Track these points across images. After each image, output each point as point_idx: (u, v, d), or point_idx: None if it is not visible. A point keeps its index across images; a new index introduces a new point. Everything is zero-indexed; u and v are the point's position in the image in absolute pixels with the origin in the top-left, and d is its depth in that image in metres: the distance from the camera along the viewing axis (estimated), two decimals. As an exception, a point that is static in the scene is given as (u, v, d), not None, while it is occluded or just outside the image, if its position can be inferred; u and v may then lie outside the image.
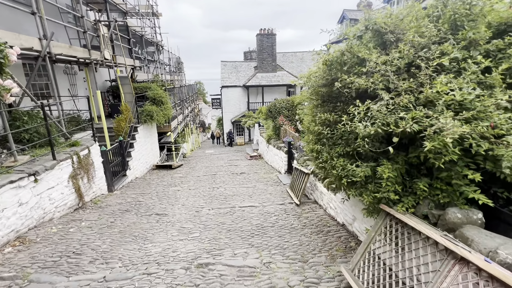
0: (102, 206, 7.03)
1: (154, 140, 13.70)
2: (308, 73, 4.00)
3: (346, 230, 4.85)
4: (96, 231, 5.28)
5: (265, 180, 10.19)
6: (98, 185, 7.82)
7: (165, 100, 13.26)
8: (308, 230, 4.92)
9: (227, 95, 28.15)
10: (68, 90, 10.82)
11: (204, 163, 15.56)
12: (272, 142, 13.21)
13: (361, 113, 3.00)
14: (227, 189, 8.67)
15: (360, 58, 3.24)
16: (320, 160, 3.84)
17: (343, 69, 3.33)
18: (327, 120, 3.72)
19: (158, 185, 9.69)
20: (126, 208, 6.88)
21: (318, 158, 4.06)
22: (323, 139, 3.84)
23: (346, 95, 3.31)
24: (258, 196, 7.72)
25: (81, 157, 6.88)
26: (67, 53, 7.86)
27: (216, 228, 5.26)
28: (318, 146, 3.94)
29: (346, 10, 23.20)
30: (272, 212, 6.03)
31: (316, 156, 4.09)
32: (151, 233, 5.18)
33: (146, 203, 7.29)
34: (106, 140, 9.74)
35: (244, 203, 6.92)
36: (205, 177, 10.97)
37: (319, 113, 3.83)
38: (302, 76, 4.38)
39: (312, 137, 4.11)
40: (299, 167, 7.60)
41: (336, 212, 5.37)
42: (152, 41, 17.95)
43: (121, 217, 6.16)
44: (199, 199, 7.63)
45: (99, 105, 9.68)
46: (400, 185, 2.98)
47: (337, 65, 3.39)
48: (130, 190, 8.90)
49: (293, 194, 7.25)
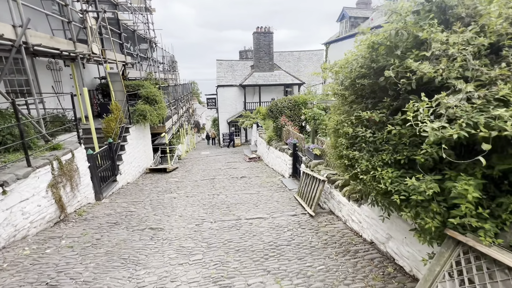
0: (88, 218, 6.15)
1: (147, 141, 12.80)
2: (342, 61, 3.24)
3: (377, 250, 4.11)
4: (78, 252, 4.42)
5: (269, 185, 9.41)
6: (83, 193, 6.93)
7: (159, 99, 12.37)
8: (331, 250, 4.16)
9: (223, 94, 27.32)
10: (52, 87, 9.86)
11: (201, 165, 14.70)
12: (273, 143, 12.45)
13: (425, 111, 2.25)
14: (228, 196, 7.87)
15: (418, 39, 2.50)
16: (356, 170, 3.08)
17: (395, 54, 2.58)
18: (366, 120, 2.97)
19: (152, 192, 8.82)
20: (115, 220, 6.02)
21: (351, 167, 3.30)
22: (361, 144, 3.08)
23: (399, 88, 2.56)
24: (265, 204, 6.94)
25: (62, 163, 5.99)
26: (48, 45, 6.95)
27: (222, 247, 4.46)
28: (353, 152, 3.18)
29: (346, 8, 22.59)
30: (284, 225, 5.26)
31: (348, 164, 3.33)
32: (144, 254, 4.35)
33: (139, 214, 6.43)
34: (94, 142, 8.82)
35: (251, 214, 6.13)
36: (203, 182, 10.13)
37: (356, 111, 3.07)
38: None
39: (343, 141, 3.34)
40: (310, 172, 6.84)
41: (361, 226, 4.62)
42: (145, 38, 17.01)
43: (109, 233, 5.31)
44: (199, 208, 6.81)
45: (86, 104, 8.76)
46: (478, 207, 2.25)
47: (386, 49, 2.63)
48: (121, 198, 8.02)
49: (305, 203, 6.49)
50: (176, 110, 19.61)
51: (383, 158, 2.81)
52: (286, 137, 11.35)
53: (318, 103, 8.03)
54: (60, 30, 8.95)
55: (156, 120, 12.03)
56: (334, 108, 3.91)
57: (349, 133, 3.19)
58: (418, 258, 3.22)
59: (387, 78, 2.64)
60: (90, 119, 8.81)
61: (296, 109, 12.59)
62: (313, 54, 33.90)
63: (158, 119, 12.27)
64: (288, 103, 12.75)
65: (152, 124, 12.35)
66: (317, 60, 33.04)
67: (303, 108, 10.40)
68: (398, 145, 2.74)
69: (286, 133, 11.48)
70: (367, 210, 4.38)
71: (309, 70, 32.21)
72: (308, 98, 11.70)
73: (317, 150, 7.42)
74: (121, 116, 9.83)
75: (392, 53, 2.61)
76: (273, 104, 13.15)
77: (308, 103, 9.61)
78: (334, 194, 5.74)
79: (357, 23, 22.17)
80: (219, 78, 27.43)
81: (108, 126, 9.21)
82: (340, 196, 5.39)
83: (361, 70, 2.94)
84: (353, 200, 4.89)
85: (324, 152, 7.44)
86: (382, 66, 2.70)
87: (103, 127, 9.25)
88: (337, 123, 3.55)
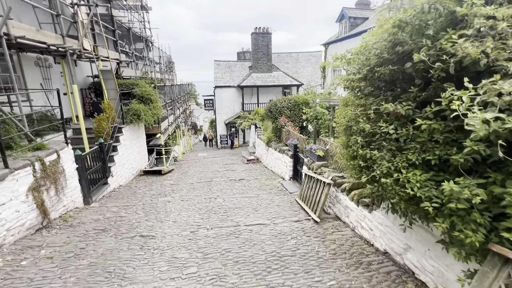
0: (74, 224, 5.67)
1: (141, 142, 12.32)
2: (358, 48, 2.83)
3: (392, 261, 3.68)
4: (58, 264, 3.95)
5: (268, 188, 8.98)
6: (70, 197, 6.44)
7: (154, 98, 11.90)
8: (342, 262, 3.73)
9: (221, 95, 26.89)
10: (40, 85, 9.37)
11: (198, 167, 14.24)
12: (272, 144, 12.03)
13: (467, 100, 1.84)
14: (226, 199, 7.42)
15: (454, 16, 2.10)
16: (375, 172, 2.66)
17: (426, 34, 2.17)
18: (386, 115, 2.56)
19: (145, 195, 8.35)
20: (103, 226, 5.54)
21: (367, 168, 2.88)
22: (380, 142, 2.66)
23: (430, 75, 2.15)
24: (265, 209, 6.50)
25: (46, 164, 5.51)
26: (34, 38, 6.48)
27: (219, 258, 4.00)
28: (370, 151, 2.76)
29: (345, 8, 22.31)
30: (287, 232, 4.82)
31: (364, 165, 2.91)
32: (132, 266, 3.88)
33: (129, 220, 5.96)
34: (85, 142, 8.34)
35: (250, 219, 5.69)
36: (199, 185, 9.67)
37: (375, 104, 2.66)
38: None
39: (358, 139, 2.92)
40: (313, 174, 6.43)
41: (372, 234, 4.20)
42: (141, 36, 16.56)
43: (95, 241, 4.83)
44: (194, 213, 6.35)
45: (76, 102, 8.28)
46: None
47: (414, 30, 2.23)
48: (112, 202, 7.54)
49: (308, 207, 6.06)
50: (173, 110, 19.14)
51: (409, 158, 2.40)
52: (286, 138, 10.94)
53: (321, 102, 7.63)
54: (49, 23, 8.48)
55: (151, 120, 11.57)
56: (345, 103, 3.49)
57: (366, 130, 2.78)
58: (446, 275, 2.80)
59: (414, 64, 2.23)
60: (80, 118, 8.34)
61: (296, 109, 12.19)
62: (312, 55, 33.63)
63: (153, 119, 11.80)
64: (288, 103, 12.35)
65: (147, 125, 11.88)
66: (315, 62, 32.75)
67: (304, 108, 9.99)
68: (427, 143, 2.33)
69: (286, 134, 11.07)
70: (380, 216, 3.96)
71: (307, 71, 31.95)
72: (309, 98, 11.31)
73: (320, 151, 7.01)
74: (113, 115, 9.36)
75: (421, 34, 2.20)
76: (273, 104, 12.74)
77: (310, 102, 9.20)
78: (340, 198, 5.32)
79: (356, 24, 21.91)
80: (217, 79, 27.01)
81: (99, 125, 8.73)
82: (348, 201, 4.97)
83: (381, 55, 2.53)
84: (363, 206, 4.47)
85: (327, 153, 7.03)
86: (409, 50, 2.30)
87: (94, 126, 8.78)
88: (349, 119, 3.14)
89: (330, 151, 6.95)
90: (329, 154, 7.00)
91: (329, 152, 7.00)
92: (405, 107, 2.35)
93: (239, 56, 33.71)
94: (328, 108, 7.94)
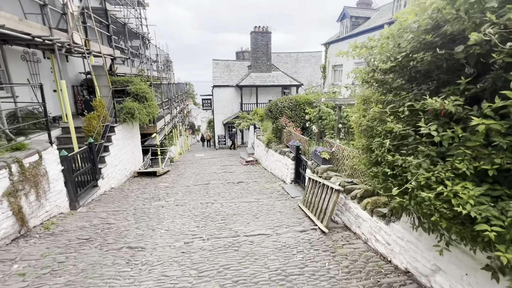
0: (56, 232, 5.14)
1: (136, 142, 11.77)
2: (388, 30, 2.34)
3: (417, 283, 3.19)
4: (30, 283, 3.42)
5: (269, 191, 8.49)
6: (54, 201, 5.91)
7: (149, 96, 11.36)
8: (357, 283, 3.24)
9: (219, 95, 26.37)
10: (27, 80, 8.81)
11: (194, 169, 13.71)
12: (272, 146, 11.54)
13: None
14: (224, 204, 6.91)
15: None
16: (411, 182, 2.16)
17: (487, 7, 1.69)
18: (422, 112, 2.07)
19: (138, 198, 7.82)
20: (88, 235, 5.02)
21: (394, 177, 2.39)
22: (416, 146, 2.17)
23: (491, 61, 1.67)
24: (266, 216, 6.00)
25: (25, 166, 4.98)
26: (16, 28, 5.95)
27: (216, 277, 3.49)
28: (402, 157, 2.27)
29: (346, 7, 21.88)
30: (292, 245, 4.32)
31: (391, 174, 2.42)
32: (115, 286, 3.36)
33: (118, 227, 5.44)
34: (74, 142, 7.81)
35: (250, 228, 5.19)
36: (196, 188, 9.15)
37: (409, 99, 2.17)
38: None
39: (386, 141, 2.43)
40: (318, 178, 5.94)
41: (389, 249, 3.71)
42: (137, 33, 16.02)
43: (77, 253, 4.31)
44: (189, 220, 5.84)
45: (64, 99, 7.74)
46: None
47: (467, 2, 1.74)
48: (101, 206, 7.00)
49: (313, 215, 5.57)
50: (169, 110, 18.61)
51: (456, 167, 1.91)
52: (287, 139, 10.45)
53: (326, 101, 7.14)
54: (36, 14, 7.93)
55: (146, 119, 11.02)
56: (363, 100, 3.00)
57: (395, 131, 2.29)
58: (491, 307, 2.32)
59: (467, 48, 1.74)
60: (69, 116, 7.81)
61: (298, 109, 11.71)
62: (311, 56, 33.25)
63: (148, 118, 11.26)
64: (289, 103, 11.86)
65: (141, 124, 11.34)
66: (315, 62, 32.38)
67: (307, 108, 9.51)
68: (480, 149, 1.84)
69: (287, 134, 10.58)
70: (400, 230, 3.47)
71: (307, 71, 31.56)
72: (311, 97, 10.82)
73: (325, 154, 6.53)
74: (105, 113, 8.82)
75: (479, 7, 1.72)
76: (273, 104, 12.24)
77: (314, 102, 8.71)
78: (350, 206, 4.83)
79: (358, 23, 21.53)
80: (215, 78, 26.50)
81: (89, 124, 8.19)
82: (359, 209, 4.48)
83: (422, 38, 2.04)
84: (378, 216, 3.98)
85: (333, 156, 6.54)
86: (460, 29, 1.82)
87: (83, 125, 8.23)
88: (372, 119, 2.65)
89: (336, 153, 6.47)
90: (335, 157, 6.52)
91: (335, 155, 6.52)
92: (453, 102, 1.86)
93: (238, 56, 33.22)
94: (334, 107, 7.46)
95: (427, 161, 2.04)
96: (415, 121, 2.22)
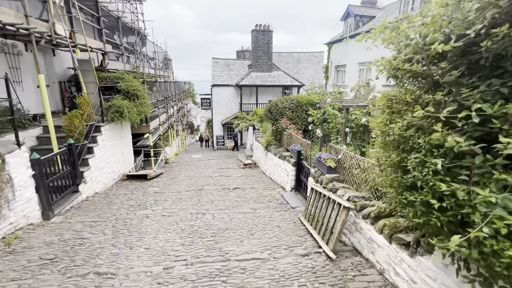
0: (17, 249, 4.41)
1: (126, 143, 11.04)
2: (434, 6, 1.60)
3: None
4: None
5: (266, 199, 7.76)
6: (21, 211, 5.18)
7: (141, 94, 10.63)
8: (377, 338, 2.51)
9: (218, 94, 25.65)
10: (5, 74, 8.06)
11: (189, 171, 12.98)
12: (272, 149, 10.81)
13: None
14: (216, 216, 6.18)
15: None
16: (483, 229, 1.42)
17: None
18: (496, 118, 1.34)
19: (122, 206, 7.09)
20: (54, 254, 4.28)
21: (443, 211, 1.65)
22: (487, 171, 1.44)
23: None
24: (262, 231, 5.27)
25: (-21, 172, 4.25)
26: (-19, 12, 5.24)
27: (196, 322, 2.76)
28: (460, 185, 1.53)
29: (351, 6, 21.16)
30: (293, 275, 3.58)
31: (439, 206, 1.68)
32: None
33: (92, 243, 4.71)
34: (53, 143, 7.08)
35: (244, 249, 4.45)
36: (187, 194, 8.42)
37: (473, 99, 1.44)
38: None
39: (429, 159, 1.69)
40: (322, 190, 5.21)
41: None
42: (133, 28, 15.28)
43: (33, 279, 3.58)
44: (175, 236, 5.10)
45: (42, 95, 7.00)
46: None
47: None
48: (79, 215, 6.27)
49: (316, 232, 4.84)
50: (165, 109, 17.86)
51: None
52: (288, 143, 9.72)
53: (332, 102, 6.42)
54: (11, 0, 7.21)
55: (137, 118, 10.29)
56: (389, 100, 2.27)
57: (450, 146, 1.55)
58: None
59: None
60: (48, 114, 7.06)
61: (299, 110, 10.99)
62: (313, 56, 32.49)
63: (139, 117, 10.53)
64: (290, 104, 11.14)
65: (132, 123, 10.60)
66: (317, 62, 31.62)
67: (310, 109, 8.78)
68: None
69: (287, 137, 9.85)
70: (431, 267, 2.74)
71: (308, 72, 30.80)
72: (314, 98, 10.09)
73: (331, 161, 5.79)
74: (90, 112, 8.10)
75: None
76: (273, 104, 11.51)
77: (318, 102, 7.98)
78: (361, 227, 4.10)
79: (362, 22, 20.82)
80: (215, 77, 25.78)
81: (71, 123, 7.47)
82: (373, 232, 3.75)
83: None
84: (399, 244, 3.25)
85: (340, 164, 5.82)
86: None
87: (64, 124, 7.51)
88: (407, 126, 1.91)
89: (342, 161, 5.75)
90: (341, 165, 5.79)
91: (341, 163, 5.80)
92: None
93: (239, 55, 32.51)
94: (340, 109, 6.74)
95: (508, 197, 1.31)
96: (480, 133, 1.49)
